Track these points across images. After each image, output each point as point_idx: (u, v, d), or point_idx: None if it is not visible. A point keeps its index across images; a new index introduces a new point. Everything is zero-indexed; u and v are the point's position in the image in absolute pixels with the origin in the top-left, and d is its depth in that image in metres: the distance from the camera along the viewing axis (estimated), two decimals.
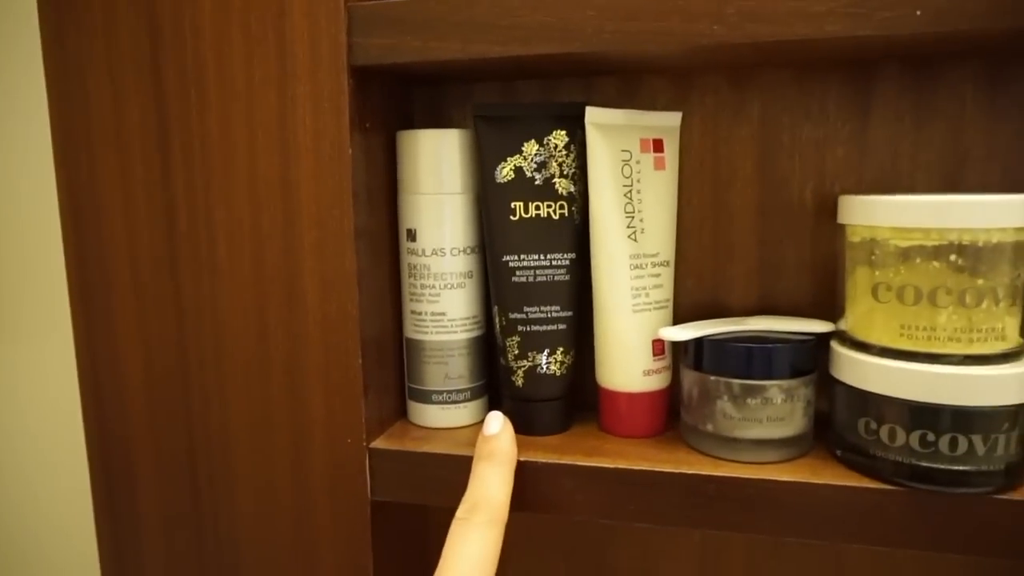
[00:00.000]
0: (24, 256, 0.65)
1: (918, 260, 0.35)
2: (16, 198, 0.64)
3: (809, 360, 0.40)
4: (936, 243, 0.35)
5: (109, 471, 0.48)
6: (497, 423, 0.41)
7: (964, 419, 0.35)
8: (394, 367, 0.47)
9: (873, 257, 0.37)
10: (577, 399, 0.47)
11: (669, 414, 0.46)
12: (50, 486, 0.68)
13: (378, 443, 0.44)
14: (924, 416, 0.35)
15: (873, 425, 0.37)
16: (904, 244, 0.36)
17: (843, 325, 0.40)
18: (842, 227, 0.39)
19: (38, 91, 0.60)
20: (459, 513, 0.38)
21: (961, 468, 0.35)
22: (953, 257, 0.35)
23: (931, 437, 0.35)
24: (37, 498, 0.69)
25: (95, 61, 0.43)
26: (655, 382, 0.44)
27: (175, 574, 0.48)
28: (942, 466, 0.35)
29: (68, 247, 0.46)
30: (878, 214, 0.36)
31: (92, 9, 0.43)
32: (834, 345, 0.40)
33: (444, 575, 0.35)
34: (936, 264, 0.35)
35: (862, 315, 0.38)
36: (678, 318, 0.46)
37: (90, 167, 0.45)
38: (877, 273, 0.37)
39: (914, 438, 0.36)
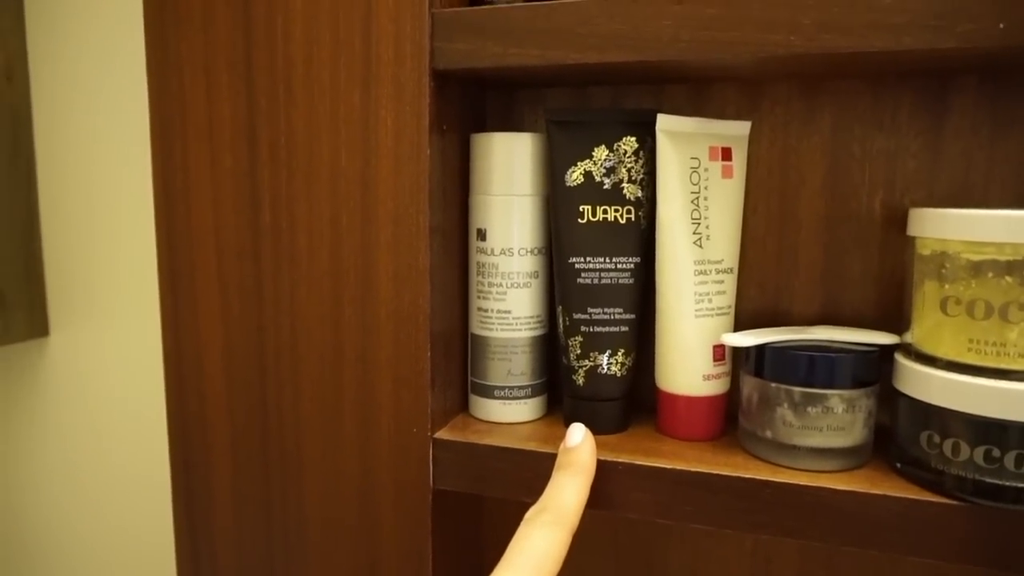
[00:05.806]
0: (118, 242, 0.68)
1: (990, 275, 0.35)
2: (114, 188, 0.68)
3: (872, 371, 0.40)
4: (1010, 258, 0.35)
5: (187, 449, 0.50)
6: (579, 434, 0.42)
7: None
8: (459, 361, 0.49)
9: (943, 270, 0.37)
10: (635, 401, 0.48)
11: (727, 419, 0.46)
12: (132, 463, 0.72)
13: (442, 434, 0.45)
14: (990, 431, 0.35)
15: (936, 439, 0.37)
16: (976, 258, 0.36)
17: (909, 338, 0.40)
18: (911, 239, 0.39)
19: (140, 86, 0.64)
20: (527, 515, 0.37)
21: None
22: None
23: (996, 453, 0.35)
24: (121, 474, 0.72)
25: (193, 59, 0.46)
26: (714, 387, 0.45)
27: (244, 549, 0.50)
28: (1007, 483, 0.35)
29: (160, 234, 0.48)
30: (950, 227, 0.37)
31: (192, 12, 0.45)
32: (899, 357, 0.40)
33: (501, 569, 0.35)
34: (1009, 279, 0.35)
35: (929, 328, 0.38)
36: (739, 325, 0.47)
37: (183, 159, 0.47)
38: (946, 287, 0.37)
39: (978, 453, 0.35)
